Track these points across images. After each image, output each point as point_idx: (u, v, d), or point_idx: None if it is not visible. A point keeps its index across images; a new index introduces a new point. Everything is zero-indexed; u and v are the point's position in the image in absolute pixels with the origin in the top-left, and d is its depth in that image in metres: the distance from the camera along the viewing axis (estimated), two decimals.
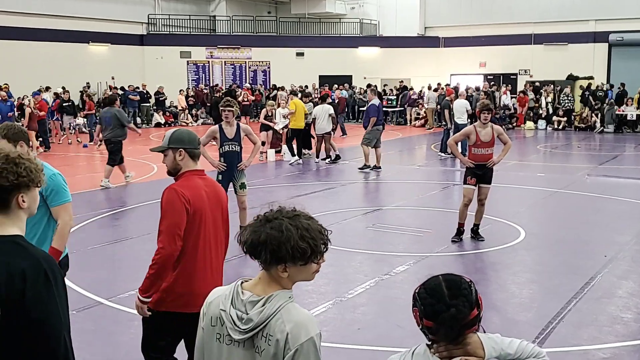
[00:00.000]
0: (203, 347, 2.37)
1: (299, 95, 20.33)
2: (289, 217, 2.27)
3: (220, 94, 21.58)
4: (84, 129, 23.10)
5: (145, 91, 27.99)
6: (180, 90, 29.28)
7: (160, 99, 28.44)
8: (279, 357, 2.18)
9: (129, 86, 27.72)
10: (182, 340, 3.98)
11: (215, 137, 8.58)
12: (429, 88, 27.29)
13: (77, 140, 21.42)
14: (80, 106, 24.37)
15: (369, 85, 23.87)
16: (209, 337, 2.33)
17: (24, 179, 2.36)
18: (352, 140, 22.34)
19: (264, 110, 17.59)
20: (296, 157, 16.70)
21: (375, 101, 15.67)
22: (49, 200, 4.26)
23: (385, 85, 30.99)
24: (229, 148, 8.46)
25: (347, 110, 30.30)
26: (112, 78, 28.52)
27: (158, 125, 27.66)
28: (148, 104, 28.09)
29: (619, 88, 26.45)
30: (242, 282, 2.32)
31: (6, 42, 25.18)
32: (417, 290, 2.26)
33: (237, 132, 8.47)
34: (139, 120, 27.57)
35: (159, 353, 3.90)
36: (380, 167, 15.30)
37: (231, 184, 8.69)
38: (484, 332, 2.27)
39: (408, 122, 28.60)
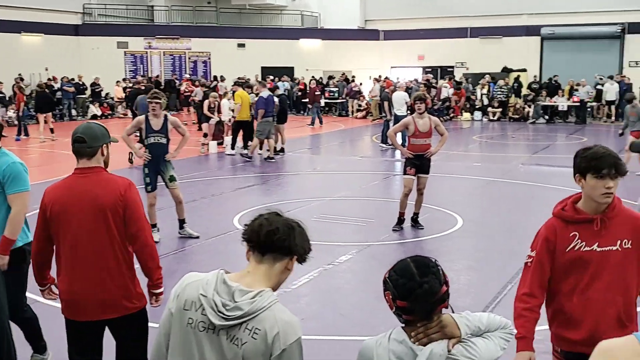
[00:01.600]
0: (169, 330, 2.29)
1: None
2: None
3: (140, 87, 21.22)
4: (16, 122, 22.38)
5: (80, 82, 27.30)
6: (117, 82, 28.65)
7: (97, 90, 27.80)
8: (265, 353, 2.15)
9: (63, 77, 26.95)
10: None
11: (140, 128, 8.43)
12: (377, 80, 27.55)
13: None
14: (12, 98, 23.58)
15: (257, 79, 23.78)
16: (177, 320, 2.25)
17: None
18: (299, 131, 22.43)
19: (206, 102, 17.44)
20: (236, 150, 16.69)
21: (264, 93, 15.87)
22: (6, 187, 4.31)
23: (331, 78, 31.13)
24: (154, 140, 8.23)
25: (290, 102, 30.34)
26: (46, 69, 27.68)
27: (94, 117, 26.98)
28: (84, 96, 27.42)
29: (550, 80, 27.36)
30: (224, 272, 2.28)
31: None
32: (387, 275, 2.32)
33: (164, 124, 8.21)
34: (74, 112, 26.90)
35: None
36: (273, 158, 15.68)
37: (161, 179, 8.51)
38: (452, 311, 2.34)
39: (350, 113, 28.85)
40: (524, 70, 29.23)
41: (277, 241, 2.27)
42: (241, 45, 32.20)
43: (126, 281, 3.59)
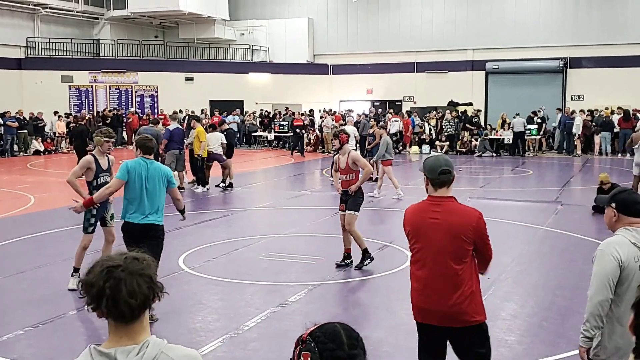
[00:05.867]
0: None
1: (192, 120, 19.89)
2: (124, 259, 2.10)
3: (83, 123, 20.77)
4: None
5: (22, 117, 26.50)
6: (59, 116, 27.74)
7: (39, 125, 27.05)
8: None
9: (5, 112, 26.10)
10: None
11: (89, 169, 8.02)
12: (328, 114, 27.62)
13: None
14: None
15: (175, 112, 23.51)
16: None
17: None
18: (246, 165, 22.20)
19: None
20: (206, 187, 16.47)
21: (172, 126, 16.26)
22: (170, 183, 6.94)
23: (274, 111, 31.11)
24: (104, 180, 7.91)
25: (240, 136, 30.18)
26: None
27: (37, 153, 26.26)
28: (25, 131, 26.61)
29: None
30: (95, 346, 2.11)
31: None
32: (311, 333, 2.09)
33: (109, 163, 8.04)
34: (16, 147, 26.08)
35: None
36: (183, 188, 15.85)
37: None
38: None
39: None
40: (470, 104, 29.81)
41: (124, 307, 2.06)
42: (189, 79, 31.97)
43: (464, 296, 4.04)
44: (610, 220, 3.77)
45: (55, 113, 27.75)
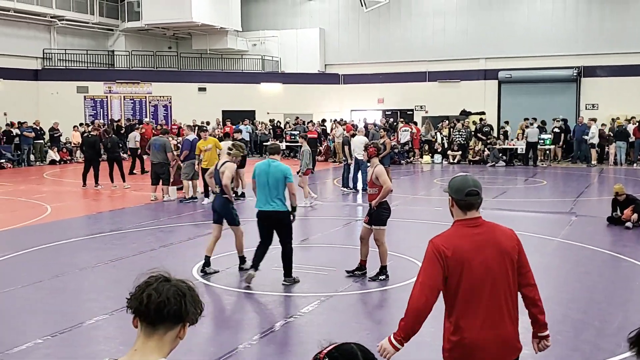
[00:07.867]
0: None
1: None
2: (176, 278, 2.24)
3: (96, 134, 20.86)
4: None
5: (39, 127, 26.84)
6: (74, 127, 28.11)
7: (55, 135, 27.36)
8: None
9: (22, 123, 26.47)
10: None
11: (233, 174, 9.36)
12: (339, 123, 27.69)
13: None
14: None
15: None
16: None
17: None
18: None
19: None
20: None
21: (190, 136, 16.50)
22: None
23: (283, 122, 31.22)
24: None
25: (250, 145, 30.34)
26: (5, 114, 27.20)
27: (53, 162, 26.55)
28: (42, 141, 26.96)
29: (506, 122, 27.91)
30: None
31: None
32: (329, 353, 2.14)
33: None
34: (32, 157, 26.39)
35: None
36: (196, 198, 16.15)
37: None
38: None
39: None
40: (483, 113, 29.77)
41: (168, 313, 2.14)
42: (202, 89, 32.22)
43: (516, 323, 3.70)
44: None
45: (81, 124, 28.25)
